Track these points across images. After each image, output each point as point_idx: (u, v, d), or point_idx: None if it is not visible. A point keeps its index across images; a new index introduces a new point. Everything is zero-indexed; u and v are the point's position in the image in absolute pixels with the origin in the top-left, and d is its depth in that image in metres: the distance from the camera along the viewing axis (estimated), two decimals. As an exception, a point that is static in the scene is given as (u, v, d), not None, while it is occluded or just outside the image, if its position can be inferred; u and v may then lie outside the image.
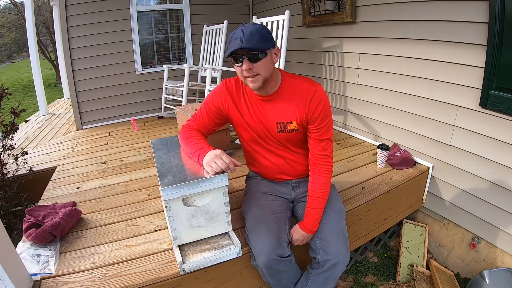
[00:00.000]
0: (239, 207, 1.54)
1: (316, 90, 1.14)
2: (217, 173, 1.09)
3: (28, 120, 4.00)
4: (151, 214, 1.56)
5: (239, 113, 1.23)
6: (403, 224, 2.00)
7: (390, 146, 2.04)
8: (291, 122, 1.18)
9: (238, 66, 1.07)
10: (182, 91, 3.06)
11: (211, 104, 1.25)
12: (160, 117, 3.47)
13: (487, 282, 1.58)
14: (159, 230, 1.41)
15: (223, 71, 3.11)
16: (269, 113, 1.19)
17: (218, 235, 1.24)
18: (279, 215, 1.24)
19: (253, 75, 1.06)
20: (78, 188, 1.89)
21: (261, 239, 1.14)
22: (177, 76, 3.53)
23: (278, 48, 1.13)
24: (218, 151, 1.11)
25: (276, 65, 1.79)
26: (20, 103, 2.21)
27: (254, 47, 1.01)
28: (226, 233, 1.25)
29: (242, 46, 1.00)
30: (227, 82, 1.25)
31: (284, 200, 1.34)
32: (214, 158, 1.09)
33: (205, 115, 1.27)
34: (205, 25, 3.45)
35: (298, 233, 1.22)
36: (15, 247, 1.14)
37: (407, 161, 1.99)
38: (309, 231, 1.21)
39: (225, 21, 3.09)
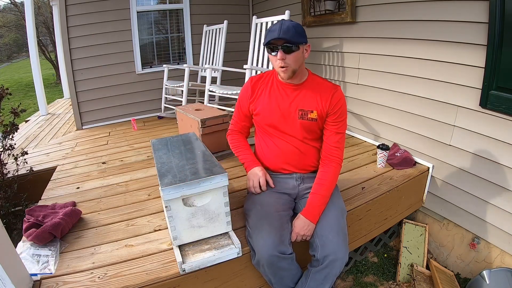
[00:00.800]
0: (239, 207, 1.54)
1: (337, 89, 1.29)
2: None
3: (28, 120, 4.01)
4: (151, 214, 1.55)
5: (260, 99, 1.35)
6: (403, 224, 2.00)
7: (390, 146, 2.04)
8: (312, 111, 1.28)
9: (273, 55, 1.20)
10: (182, 91, 3.06)
11: (241, 104, 1.41)
12: (160, 117, 3.47)
13: (487, 282, 1.58)
14: (159, 230, 1.41)
15: (223, 71, 3.11)
16: (293, 100, 1.30)
17: (218, 235, 1.24)
18: (281, 212, 1.25)
19: (285, 65, 1.19)
20: (78, 188, 1.89)
21: (263, 235, 1.15)
22: (177, 76, 3.53)
23: (310, 45, 1.24)
24: (258, 172, 1.35)
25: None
26: (20, 103, 2.21)
27: (289, 39, 1.14)
28: (226, 233, 1.25)
29: (280, 36, 1.13)
30: (252, 78, 1.39)
31: (287, 197, 1.35)
32: (252, 177, 1.35)
33: (241, 115, 1.43)
34: (205, 25, 3.45)
35: (301, 220, 1.22)
36: (15, 247, 1.14)
37: (407, 161, 1.99)
38: (312, 217, 1.22)
39: (225, 21, 3.09)
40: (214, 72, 3.17)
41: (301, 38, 1.17)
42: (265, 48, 1.23)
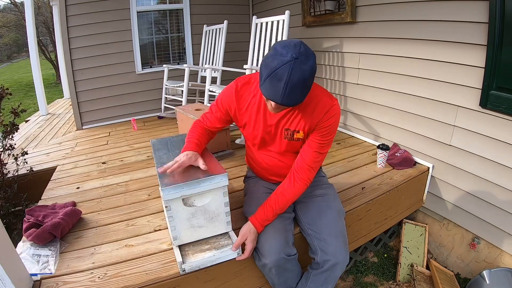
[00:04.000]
0: (239, 207, 1.54)
1: (333, 104, 1.10)
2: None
3: (28, 120, 4.00)
4: (151, 214, 1.55)
5: (246, 111, 1.21)
6: (403, 224, 2.00)
7: (390, 146, 2.04)
8: (298, 131, 1.15)
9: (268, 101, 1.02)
10: (182, 91, 3.06)
11: (221, 106, 1.25)
12: (160, 117, 3.47)
13: (487, 282, 1.58)
14: (159, 230, 1.41)
15: (223, 71, 3.11)
16: (279, 118, 1.16)
17: (218, 235, 1.24)
18: (284, 214, 1.23)
19: (277, 111, 1.07)
20: (78, 188, 1.89)
21: (269, 238, 1.14)
22: (177, 76, 3.53)
23: None
24: (181, 155, 1.15)
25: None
26: (20, 103, 2.21)
27: (292, 104, 0.95)
28: (226, 233, 1.25)
29: (282, 102, 0.92)
30: (238, 83, 1.20)
31: None
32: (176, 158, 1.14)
33: (213, 115, 1.29)
34: (205, 25, 3.45)
35: (246, 227, 1.16)
36: (15, 247, 1.14)
37: (407, 161, 1.99)
38: (257, 224, 1.15)
39: (225, 21, 3.09)
40: (214, 72, 3.17)
41: (306, 93, 0.96)
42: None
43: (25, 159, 2.19)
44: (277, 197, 1.18)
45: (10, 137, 2.10)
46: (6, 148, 2.08)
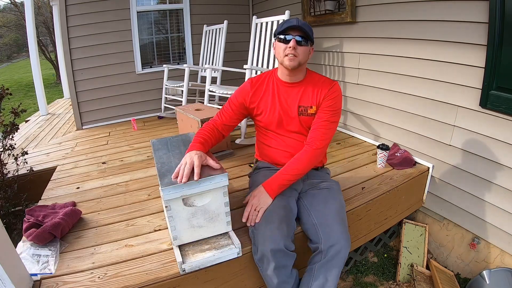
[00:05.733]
0: (239, 207, 1.54)
1: (335, 83, 1.34)
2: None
3: (28, 120, 4.00)
4: (151, 214, 1.55)
5: (262, 100, 1.37)
6: (403, 224, 2.00)
7: (390, 146, 2.04)
8: (311, 107, 1.32)
9: (284, 43, 1.23)
10: (182, 91, 3.06)
11: (235, 100, 1.40)
12: (160, 117, 3.47)
13: (487, 282, 1.58)
14: (159, 230, 1.41)
15: (223, 71, 3.11)
16: (293, 97, 1.34)
17: (218, 235, 1.24)
18: (291, 209, 1.26)
19: (294, 54, 1.22)
20: (78, 188, 1.89)
21: (272, 227, 1.14)
22: (177, 76, 3.53)
23: (313, 48, 1.31)
24: (190, 156, 1.14)
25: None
26: (20, 103, 2.21)
27: (306, 31, 1.21)
28: (226, 233, 1.25)
29: (299, 25, 1.20)
30: (252, 79, 1.41)
31: (293, 193, 1.34)
32: (182, 160, 1.14)
33: (228, 110, 1.41)
34: (205, 25, 3.45)
35: (258, 190, 1.26)
36: (15, 247, 1.14)
37: (407, 161, 1.99)
38: (270, 190, 1.24)
39: (225, 21, 3.09)
40: (214, 72, 3.17)
41: (312, 36, 1.25)
42: (276, 38, 1.26)
43: (25, 159, 2.19)
44: (291, 162, 1.28)
45: (10, 137, 2.10)
46: (6, 148, 2.08)
